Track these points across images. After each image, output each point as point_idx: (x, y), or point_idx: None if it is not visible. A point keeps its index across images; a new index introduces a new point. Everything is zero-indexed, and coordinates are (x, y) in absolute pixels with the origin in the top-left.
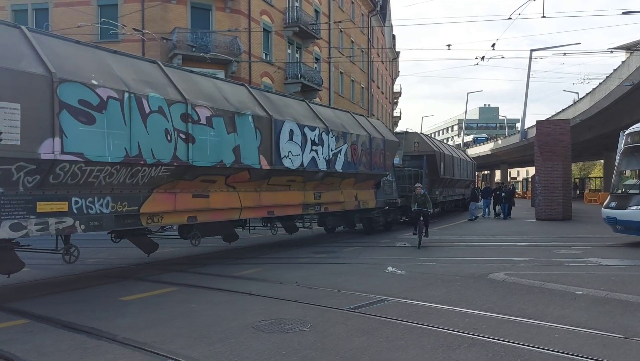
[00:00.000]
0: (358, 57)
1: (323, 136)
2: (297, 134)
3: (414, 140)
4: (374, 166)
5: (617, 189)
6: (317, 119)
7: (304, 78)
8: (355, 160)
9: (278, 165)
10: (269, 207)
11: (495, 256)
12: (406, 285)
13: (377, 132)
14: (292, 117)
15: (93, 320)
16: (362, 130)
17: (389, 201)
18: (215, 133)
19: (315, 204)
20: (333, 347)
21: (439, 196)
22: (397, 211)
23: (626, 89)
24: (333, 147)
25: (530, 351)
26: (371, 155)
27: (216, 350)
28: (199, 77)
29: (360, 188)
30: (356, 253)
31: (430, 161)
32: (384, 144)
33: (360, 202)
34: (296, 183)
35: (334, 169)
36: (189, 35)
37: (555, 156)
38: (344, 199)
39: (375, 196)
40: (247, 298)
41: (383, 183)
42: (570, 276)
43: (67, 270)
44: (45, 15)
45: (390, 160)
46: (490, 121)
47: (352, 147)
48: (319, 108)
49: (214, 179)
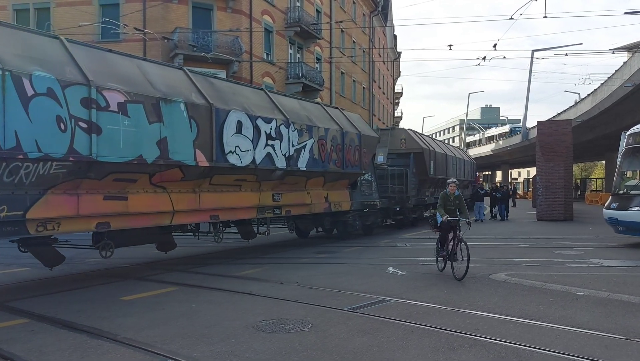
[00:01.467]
0: (359, 57)
1: (282, 129)
2: (247, 127)
3: (401, 136)
4: (348, 164)
5: (619, 189)
6: (276, 110)
7: (305, 78)
8: (324, 157)
9: (221, 162)
10: (212, 210)
11: (496, 257)
12: (407, 285)
13: (352, 126)
14: (242, 106)
15: (94, 320)
16: (333, 124)
17: (367, 202)
18: (132, 123)
19: (274, 207)
20: (334, 347)
21: (430, 197)
22: (378, 213)
23: (628, 89)
24: (295, 142)
25: (531, 352)
26: (343, 151)
27: (217, 350)
28: (117, 57)
29: (332, 189)
30: (357, 253)
31: (418, 159)
32: (360, 139)
33: (331, 204)
34: (248, 182)
35: (296, 167)
36: (190, 35)
37: (557, 156)
38: (311, 200)
39: (351, 198)
40: (248, 298)
41: (360, 183)
42: (571, 276)
43: (68, 270)
44: (46, 14)
45: (368, 157)
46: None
47: (319, 142)
48: (280, 98)
49: (134, 177)
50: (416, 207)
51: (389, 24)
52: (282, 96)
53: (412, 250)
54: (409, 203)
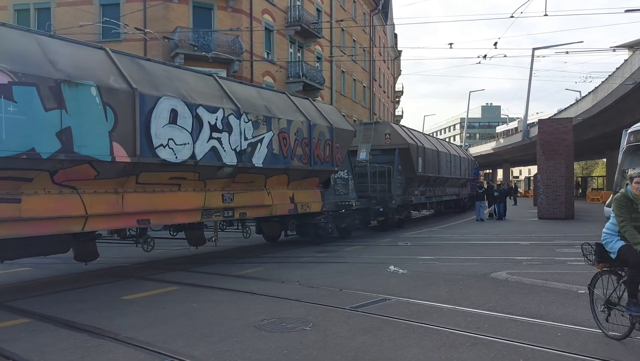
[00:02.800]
0: (360, 56)
1: (232, 120)
2: (184, 116)
3: (385, 131)
4: (317, 160)
5: (620, 187)
6: (226, 98)
7: (305, 77)
8: (286, 152)
9: (148, 157)
10: (140, 214)
11: (497, 255)
12: (408, 284)
13: (322, 118)
14: (179, 93)
15: (95, 319)
16: (299, 115)
17: (342, 203)
18: (21, 109)
19: (225, 209)
20: (335, 346)
21: (420, 196)
22: (356, 215)
23: (629, 87)
24: (249, 135)
25: (532, 350)
26: (311, 146)
27: (218, 349)
28: (9, 32)
29: (299, 188)
30: (358, 252)
31: (403, 155)
32: (332, 133)
33: (298, 205)
34: (189, 181)
35: (249, 163)
36: (191, 34)
37: (558, 154)
38: (272, 201)
39: (323, 198)
40: (249, 297)
41: (335, 182)
42: (572, 275)
43: (69, 269)
44: (47, 14)
45: (342, 153)
46: (492, 120)
47: (280, 136)
48: (233, 86)
49: (28, 176)
50: (402, 207)
51: (390, 22)
52: (237, 84)
53: (413, 249)
54: (392, 203)
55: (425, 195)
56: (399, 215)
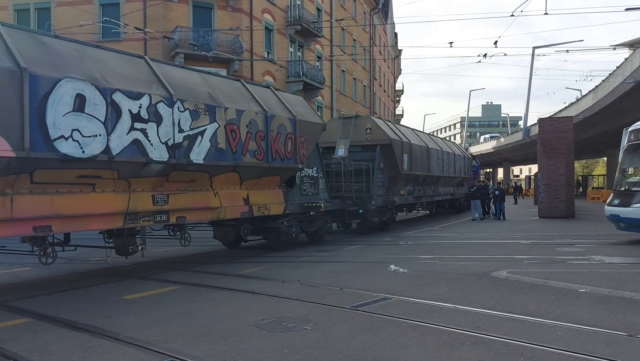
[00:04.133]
0: (360, 55)
1: (161, 109)
2: (94, 103)
3: (366, 125)
4: (277, 156)
5: (620, 186)
6: (157, 83)
7: (306, 76)
8: (235, 147)
9: (42, 151)
10: (37, 220)
11: (497, 254)
12: (409, 283)
13: (284, 110)
14: (89, 75)
15: (96, 319)
16: (254, 105)
17: (310, 204)
18: None
19: (157, 212)
20: (335, 345)
21: (406, 197)
22: (327, 217)
23: (629, 86)
24: (186, 126)
25: (533, 349)
26: (268, 140)
27: (219, 348)
28: None
29: (256, 188)
30: (358, 251)
31: (386, 152)
32: (295, 126)
33: (254, 207)
34: (105, 180)
35: (186, 159)
36: (191, 34)
37: (558, 153)
38: (220, 203)
39: (286, 199)
40: (249, 297)
41: (301, 181)
42: (573, 273)
43: (70, 269)
44: (47, 14)
45: (308, 148)
46: (492, 119)
47: (228, 128)
48: (168, 69)
49: None
50: (384, 208)
51: (390, 21)
52: (176, 68)
53: (414, 248)
54: (372, 203)
55: (413, 195)
56: (380, 217)
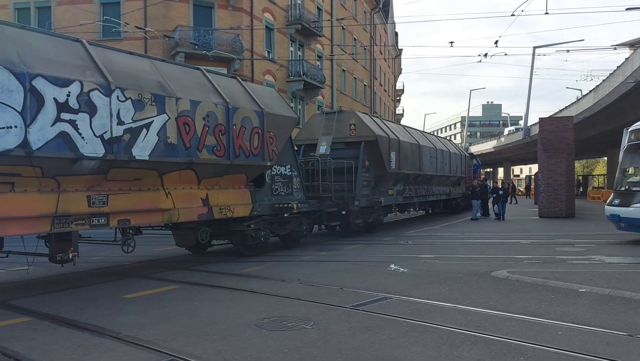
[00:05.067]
0: (361, 54)
1: (96, 98)
2: (9, 89)
3: (350, 121)
4: (241, 152)
5: (621, 186)
6: (93, 69)
7: (306, 76)
8: (189, 141)
9: None
10: None
11: (498, 254)
12: (409, 283)
13: (250, 101)
14: (3, 57)
15: (96, 318)
16: (213, 96)
17: (282, 206)
18: None
19: (94, 215)
20: (335, 345)
21: (395, 197)
22: (303, 219)
23: (630, 85)
24: (127, 117)
25: (533, 349)
26: (230, 135)
27: (219, 347)
28: None
29: (217, 187)
30: (358, 250)
31: (371, 149)
32: (262, 119)
33: (214, 208)
34: (26, 178)
35: (127, 155)
36: (192, 33)
37: (559, 153)
38: (172, 204)
39: (253, 199)
40: (249, 296)
41: (272, 180)
42: (573, 273)
43: (70, 268)
44: (47, 13)
45: (279, 144)
46: (493, 119)
47: (181, 120)
48: (110, 54)
49: None
50: (369, 209)
51: (390, 21)
52: (120, 53)
53: (414, 247)
54: (355, 204)
55: (403, 195)
56: (365, 218)
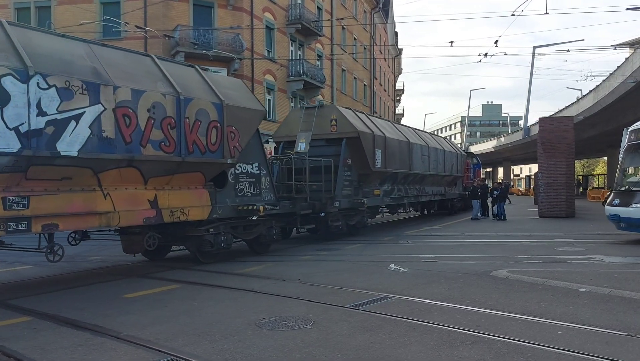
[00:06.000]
0: (361, 54)
1: (8, 84)
2: None
3: (331, 116)
4: (196, 148)
5: (621, 186)
6: (10, 51)
7: (306, 75)
8: (131, 135)
9: None
10: None
11: (498, 254)
12: (409, 283)
13: (209, 92)
14: None
15: (96, 317)
16: (162, 85)
17: (246, 208)
18: None
19: (12, 219)
20: (336, 344)
21: (382, 197)
22: (273, 222)
23: (630, 86)
24: (51, 108)
25: (533, 349)
26: (181, 129)
27: (219, 347)
28: None
29: (168, 187)
30: (358, 250)
31: (353, 146)
32: (222, 112)
33: (164, 211)
34: None
35: (50, 150)
36: (192, 32)
37: (559, 153)
38: (111, 206)
39: (213, 201)
40: (249, 296)
41: (236, 179)
42: (573, 273)
43: (70, 267)
44: (47, 13)
45: (243, 140)
46: (493, 118)
47: (119, 112)
48: (38, 37)
49: None
50: (352, 211)
51: (390, 20)
52: (49, 35)
53: (414, 247)
54: (334, 205)
55: (391, 195)
56: (347, 220)
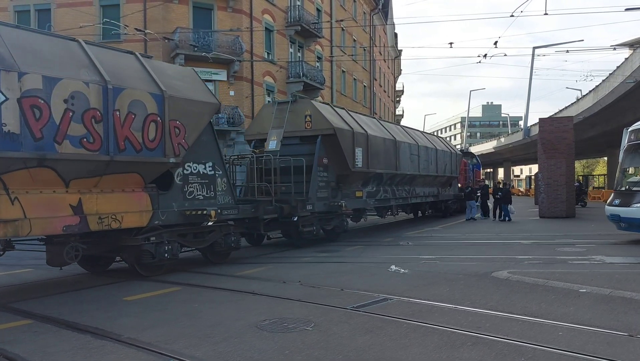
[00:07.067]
0: (360, 55)
1: None
2: None
3: (305, 112)
4: (130, 145)
5: (621, 186)
6: None
7: (306, 77)
8: (42, 130)
9: None
10: None
11: (498, 255)
12: (409, 284)
13: (148, 82)
14: None
15: (97, 320)
16: (86, 72)
17: (196, 213)
18: None
19: None
20: (336, 346)
21: (364, 200)
22: (232, 229)
23: (629, 86)
24: None
25: (534, 350)
26: (109, 123)
27: (220, 349)
28: None
29: (97, 190)
30: (359, 251)
31: (330, 144)
32: (162, 104)
33: (91, 217)
34: None
35: None
36: (191, 35)
37: (559, 153)
38: (21, 213)
39: (154, 205)
40: (250, 298)
41: (184, 181)
42: (573, 274)
43: (71, 270)
44: (47, 16)
45: (190, 136)
46: (493, 119)
47: (26, 102)
48: None
49: None
50: (328, 215)
51: (390, 22)
52: None
53: (414, 248)
54: (306, 209)
55: (376, 197)
56: (323, 225)
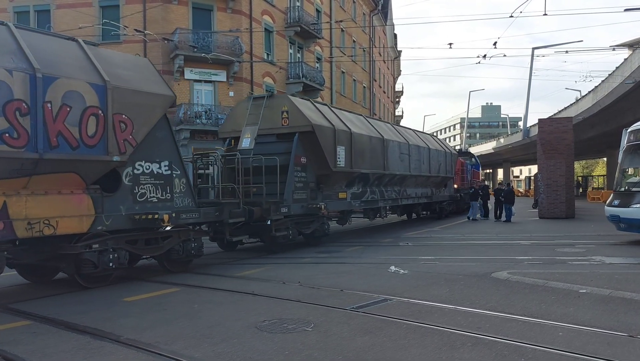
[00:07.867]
0: (360, 56)
1: None
2: None
3: (282, 108)
4: (65, 141)
5: (620, 187)
6: None
7: (305, 78)
8: None
9: None
10: None
11: (498, 255)
12: (409, 284)
13: (90, 71)
14: None
15: (96, 321)
16: (12, 58)
17: (147, 217)
18: None
19: None
20: (336, 347)
21: (348, 201)
22: (192, 234)
23: (629, 86)
24: None
25: (534, 350)
26: (37, 115)
27: (219, 350)
28: None
29: (27, 192)
30: (358, 252)
31: (308, 142)
32: (105, 96)
33: (19, 223)
34: None
35: None
36: (191, 35)
37: (558, 154)
38: None
39: (98, 209)
40: (249, 298)
41: (134, 181)
42: (573, 274)
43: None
44: (47, 16)
45: (138, 132)
46: (492, 120)
47: None
48: None
49: None
50: (307, 217)
51: (389, 23)
52: None
53: (414, 249)
54: (279, 212)
55: (362, 199)
56: (301, 229)
